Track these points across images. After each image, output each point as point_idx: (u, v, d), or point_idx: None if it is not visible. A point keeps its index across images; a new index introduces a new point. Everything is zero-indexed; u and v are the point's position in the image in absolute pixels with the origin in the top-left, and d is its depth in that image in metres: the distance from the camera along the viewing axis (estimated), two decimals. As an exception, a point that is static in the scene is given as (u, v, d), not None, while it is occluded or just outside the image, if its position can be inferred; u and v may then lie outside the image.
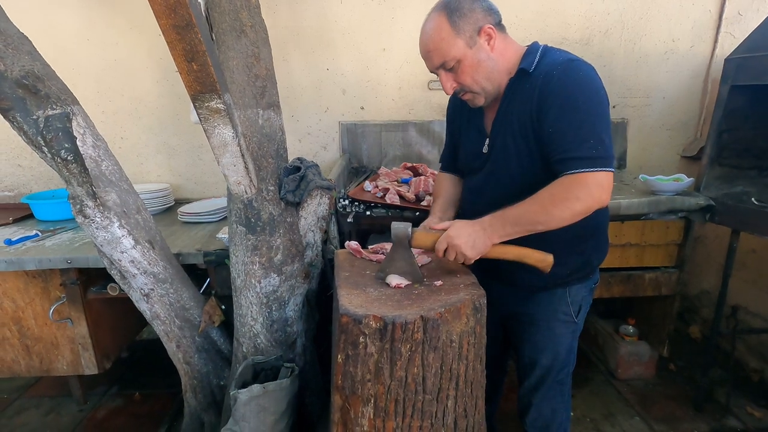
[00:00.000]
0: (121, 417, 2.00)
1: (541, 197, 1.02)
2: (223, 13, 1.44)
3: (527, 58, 1.10)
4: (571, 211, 1.00)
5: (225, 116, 1.14)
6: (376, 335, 0.95)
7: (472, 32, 1.07)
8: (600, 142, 0.99)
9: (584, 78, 1.02)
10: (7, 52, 1.12)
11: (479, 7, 1.07)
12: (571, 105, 1.00)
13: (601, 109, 1.02)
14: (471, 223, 1.07)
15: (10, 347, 1.78)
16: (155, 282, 1.42)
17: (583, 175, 0.98)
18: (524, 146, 1.10)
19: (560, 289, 1.22)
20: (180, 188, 2.44)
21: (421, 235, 1.12)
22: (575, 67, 1.04)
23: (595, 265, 1.25)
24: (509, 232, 1.05)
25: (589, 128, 0.99)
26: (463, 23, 1.06)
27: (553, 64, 1.05)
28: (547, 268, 1.10)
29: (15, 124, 1.16)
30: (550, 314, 1.24)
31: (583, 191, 0.98)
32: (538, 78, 1.05)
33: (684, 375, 2.23)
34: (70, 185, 1.22)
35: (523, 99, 1.08)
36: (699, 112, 2.45)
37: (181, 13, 0.91)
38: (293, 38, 2.25)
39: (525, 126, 1.09)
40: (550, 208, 1.00)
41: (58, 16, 2.15)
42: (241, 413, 1.25)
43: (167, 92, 2.28)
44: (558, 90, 1.02)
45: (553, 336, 1.25)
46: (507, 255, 1.10)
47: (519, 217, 1.03)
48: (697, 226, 2.56)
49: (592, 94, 1.01)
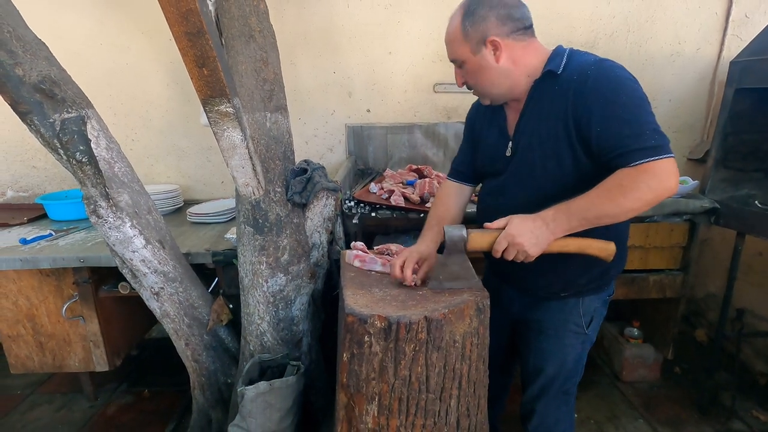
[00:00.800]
0: (131, 413, 2.04)
1: (609, 188, 0.97)
2: (232, 19, 1.47)
3: (554, 61, 1.09)
4: (641, 201, 0.95)
5: (234, 120, 1.17)
6: (380, 335, 0.97)
7: (479, 41, 1.08)
8: (655, 131, 0.96)
9: (621, 75, 1.01)
10: (26, 58, 1.15)
11: (494, 15, 1.06)
12: (616, 101, 0.98)
13: (645, 102, 1.00)
14: (531, 218, 1.02)
15: (25, 344, 1.83)
16: (165, 281, 1.45)
17: (650, 164, 0.94)
18: (552, 148, 1.08)
19: (573, 299, 1.20)
20: (189, 189, 2.48)
21: (478, 236, 1.06)
22: (609, 65, 1.03)
23: (612, 276, 1.22)
24: (574, 226, 1.00)
25: (642, 120, 0.97)
26: (472, 30, 1.07)
27: (585, 64, 1.04)
28: (609, 258, 1.06)
29: (33, 127, 1.20)
30: (560, 323, 1.22)
31: (653, 180, 0.94)
32: (571, 79, 1.04)
33: (689, 378, 2.22)
34: (84, 186, 1.26)
35: (554, 100, 1.06)
36: (705, 114, 2.45)
37: (192, 21, 0.94)
38: (301, 42, 2.28)
39: (555, 127, 1.06)
40: (619, 198, 0.95)
41: (72, 21, 2.20)
42: (248, 409, 1.28)
43: (177, 95, 2.32)
44: (598, 89, 1.00)
45: (562, 346, 1.23)
46: (568, 248, 1.04)
47: (586, 210, 0.99)
48: (704, 229, 2.56)
49: (633, 88, 1.00)
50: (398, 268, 1.15)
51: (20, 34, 1.15)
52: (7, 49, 1.12)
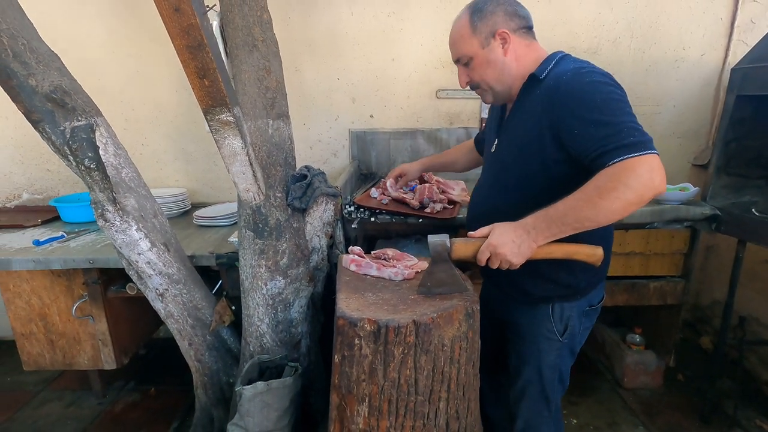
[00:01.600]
0: (137, 411, 2.10)
1: (587, 190, 0.95)
2: (236, 29, 1.52)
3: (542, 65, 1.11)
4: (621, 201, 0.91)
5: (234, 128, 1.21)
6: (370, 338, 1.00)
7: (488, 34, 1.11)
8: (633, 129, 0.93)
9: (594, 79, 1.00)
10: (39, 69, 1.21)
11: (502, 10, 1.11)
12: (589, 104, 0.97)
13: (622, 103, 0.97)
14: (513, 226, 1.02)
15: (37, 342, 1.90)
16: (170, 282, 1.50)
17: (628, 161, 0.90)
18: (523, 149, 1.11)
19: (543, 305, 1.21)
20: (196, 193, 2.55)
21: (461, 246, 1.07)
22: (586, 71, 1.02)
23: (583, 288, 1.20)
24: (555, 232, 0.99)
25: (617, 119, 0.95)
26: (481, 24, 1.11)
27: (563, 70, 1.05)
28: (597, 262, 1.06)
29: (44, 134, 1.26)
30: (533, 328, 1.23)
31: (631, 177, 0.90)
32: (548, 85, 1.06)
33: (692, 386, 2.20)
34: (92, 191, 1.31)
35: (532, 105, 1.09)
36: (711, 120, 2.44)
37: (193, 35, 0.99)
38: (305, 49, 2.33)
39: (530, 133, 1.08)
40: (597, 200, 0.92)
41: (86, 31, 2.28)
42: (246, 408, 1.32)
43: (185, 101, 2.38)
44: (569, 94, 1.00)
45: (537, 351, 1.24)
46: (555, 254, 1.04)
47: (564, 215, 0.97)
48: (710, 236, 2.54)
49: (608, 91, 0.98)
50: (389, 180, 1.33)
51: (34, 46, 1.21)
52: (21, 60, 1.18)
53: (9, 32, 1.15)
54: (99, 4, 2.25)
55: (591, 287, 1.22)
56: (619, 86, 1.01)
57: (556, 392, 1.30)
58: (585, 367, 2.36)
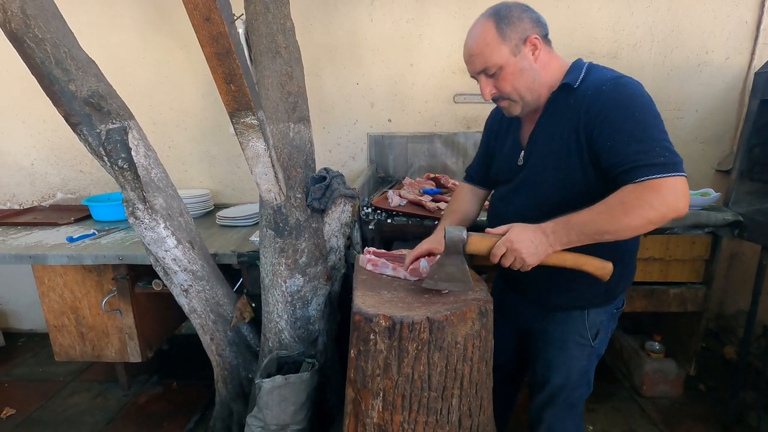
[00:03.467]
0: (161, 403, 2.17)
1: (611, 204, 0.95)
2: (260, 36, 1.58)
3: (572, 74, 1.10)
4: (643, 219, 0.92)
5: (258, 131, 1.27)
6: (385, 333, 1.03)
7: (518, 41, 1.07)
8: (666, 149, 0.94)
9: (636, 92, 1.01)
10: (78, 75, 1.30)
11: (528, 17, 1.08)
12: (628, 117, 0.98)
13: (659, 121, 0.99)
14: (532, 228, 1.03)
15: (68, 334, 1.99)
16: (194, 279, 1.56)
17: (655, 181, 0.91)
18: (563, 160, 1.08)
19: (578, 312, 1.20)
20: (219, 194, 2.63)
21: (477, 240, 1.07)
22: (625, 83, 1.03)
23: (619, 293, 1.21)
24: (573, 240, 1.00)
25: (652, 137, 0.96)
26: (510, 30, 1.07)
27: (601, 79, 1.04)
28: (605, 277, 1.05)
29: (82, 136, 1.34)
30: (565, 335, 1.22)
31: (657, 198, 0.91)
32: (586, 93, 1.05)
33: (714, 396, 2.15)
34: (124, 190, 1.39)
35: (567, 114, 1.08)
36: (735, 125, 2.39)
37: (222, 42, 1.04)
38: (326, 55, 2.39)
39: (568, 141, 1.07)
40: (620, 216, 0.93)
41: (121, 40, 2.40)
42: (265, 401, 1.37)
43: (210, 106, 2.48)
44: (611, 104, 1.00)
45: (567, 357, 1.23)
46: (565, 262, 1.04)
47: (585, 225, 0.98)
48: (734, 243, 2.48)
49: (646, 106, 0.99)
50: (408, 260, 1.24)
51: (74, 54, 1.30)
52: (62, 67, 1.26)
53: (52, 41, 1.24)
54: (132, 15, 2.37)
55: (622, 291, 1.22)
56: (652, 100, 1.01)
57: (583, 397, 1.29)
58: (602, 374, 2.33)
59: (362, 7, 2.32)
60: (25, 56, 1.24)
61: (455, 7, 2.30)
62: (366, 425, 1.11)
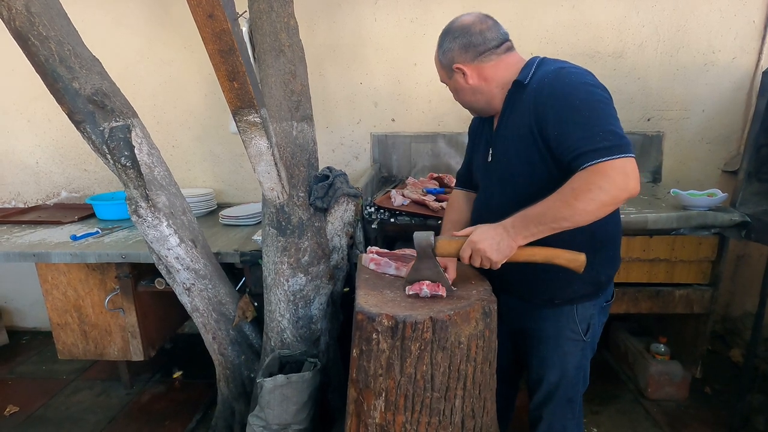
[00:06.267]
0: (163, 402, 2.17)
1: (563, 192, 1.00)
2: (264, 35, 1.58)
3: (524, 71, 1.15)
4: (596, 202, 0.97)
5: (261, 129, 1.26)
6: (387, 333, 1.02)
7: (448, 69, 1.21)
8: (608, 132, 0.98)
9: (575, 80, 1.05)
10: (82, 73, 1.30)
11: (457, 45, 1.16)
12: (568, 105, 1.03)
13: (602, 104, 1.03)
14: (493, 226, 1.08)
15: (71, 332, 2.00)
16: (196, 277, 1.56)
17: (600, 164, 0.96)
18: (524, 154, 1.13)
19: (567, 306, 1.21)
20: (222, 193, 2.63)
21: (444, 243, 1.13)
22: (566, 72, 1.07)
23: (604, 282, 1.23)
24: (533, 232, 1.04)
25: (593, 122, 1.00)
26: (443, 58, 1.21)
27: (545, 72, 1.10)
28: (579, 268, 1.06)
29: (85, 134, 1.34)
30: (557, 331, 1.23)
31: (604, 180, 0.96)
32: (533, 87, 1.10)
33: (720, 399, 2.13)
34: (127, 188, 1.39)
35: (521, 109, 1.13)
36: (742, 125, 2.36)
37: (225, 40, 1.04)
38: (330, 54, 2.39)
39: (524, 134, 1.12)
40: (572, 201, 0.98)
41: (124, 39, 2.41)
42: (266, 400, 1.36)
43: (214, 105, 2.48)
44: (552, 95, 1.05)
45: (561, 353, 1.24)
46: (535, 257, 1.07)
47: (541, 215, 1.02)
48: (741, 244, 2.46)
49: (587, 92, 1.03)
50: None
51: (78, 51, 1.30)
52: (66, 65, 1.26)
53: (57, 39, 1.24)
54: (136, 15, 2.38)
55: (608, 282, 1.25)
56: (601, 86, 1.05)
57: (580, 392, 1.32)
58: (607, 376, 2.31)
59: (366, 6, 2.32)
60: (30, 54, 1.24)
61: (459, 7, 2.29)
62: (368, 425, 1.10)
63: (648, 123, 2.39)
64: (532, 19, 2.27)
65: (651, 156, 2.37)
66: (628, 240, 1.83)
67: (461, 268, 1.28)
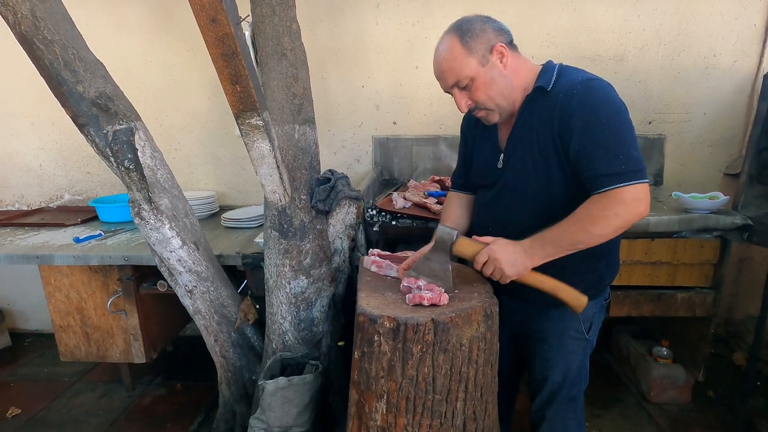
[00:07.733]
0: (164, 404, 2.17)
1: (579, 217, 1.04)
2: (266, 39, 1.59)
3: (544, 76, 1.13)
4: (611, 227, 1.02)
5: (263, 132, 1.27)
6: (389, 335, 1.02)
7: (484, 51, 1.11)
8: (629, 157, 1.01)
9: (605, 96, 1.05)
10: (86, 76, 1.31)
11: (490, 27, 1.12)
12: (595, 123, 1.03)
13: (625, 126, 1.04)
14: (513, 242, 1.10)
15: (74, 334, 2.00)
16: (198, 280, 1.57)
17: (617, 190, 1.00)
18: (542, 162, 1.12)
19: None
20: (225, 196, 2.64)
21: (465, 242, 1.14)
22: (596, 86, 1.06)
23: (607, 283, 1.27)
24: (549, 253, 1.07)
25: (616, 145, 1.02)
26: (474, 43, 1.10)
27: (572, 82, 1.08)
28: (578, 309, 1.11)
29: (89, 137, 1.35)
30: (561, 331, 1.24)
31: (620, 207, 1.00)
32: (558, 96, 1.08)
33: (723, 403, 2.12)
34: (130, 191, 1.40)
35: (542, 116, 1.11)
36: (744, 128, 2.37)
37: (228, 44, 1.05)
38: (332, 57, 2.40)
39: (545, 143, 1.11)
40: (589, 227, 1.03)
41: (127, 42, 2.42)
42: (268, 403, 1.36)
43: (216, 108, 2.49)
44: (580, 109, 1.04)
45: (565, 353, 1.25)
46: (543, 285, 1.11)
47: (559, 238, 1.06)
48: (743, 247, 2.45)
49: (614, 111, 1.04)
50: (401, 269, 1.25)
51: (82, 55, 1.31)
52: (71, 69, 1.27)
53: (61, 43, 1.25)
54: (139, 18, 2.40)
55: (608, 283, 1.27)
56: (623, 105, 1.06)
57: (582, 391, 1.33)
58: (609, 380, 2.30)
59: (368, 10, 2.33)
60: (35, 58, 1.25)
61: (461, 10, 2.29)
62: (369, 428, 1.10)
63: (649, 126, 2.39)
64: (533, 23, 2.28)
65: (652, 159, 2.37)
66: (629, 243, 1.83)
67: (464, 270, 1.29)
